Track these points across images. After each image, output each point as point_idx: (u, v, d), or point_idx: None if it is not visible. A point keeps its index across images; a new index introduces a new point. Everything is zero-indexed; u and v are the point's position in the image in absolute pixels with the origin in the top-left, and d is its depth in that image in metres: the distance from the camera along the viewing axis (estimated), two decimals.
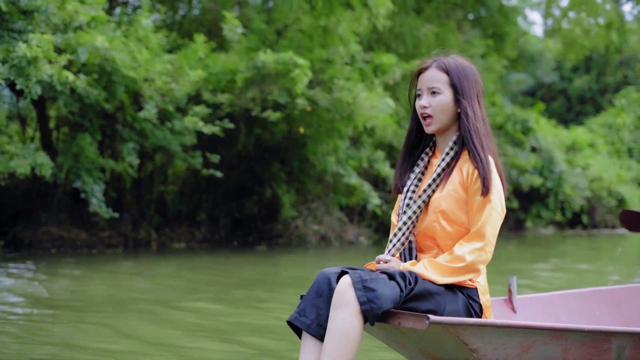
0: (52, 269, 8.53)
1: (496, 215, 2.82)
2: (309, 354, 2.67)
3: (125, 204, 11.73)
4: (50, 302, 6.05)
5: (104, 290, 6.93)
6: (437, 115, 2.90)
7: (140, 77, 9.88)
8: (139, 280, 7.77)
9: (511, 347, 2.71)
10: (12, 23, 8.86)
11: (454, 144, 2.92)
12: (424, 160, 3.02)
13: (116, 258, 10.14)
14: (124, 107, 10.28)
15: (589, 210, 20.44)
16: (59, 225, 11.40)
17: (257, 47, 11.77)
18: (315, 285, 2.74)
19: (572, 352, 2.82)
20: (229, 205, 12.90)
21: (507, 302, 3.59)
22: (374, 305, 2.58)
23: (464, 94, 2.89)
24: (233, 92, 10.94)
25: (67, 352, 4.08)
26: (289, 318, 2.71)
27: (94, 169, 9.96)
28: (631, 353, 2.93)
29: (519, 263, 10.46)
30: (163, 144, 10.34)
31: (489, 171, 2.80)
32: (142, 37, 10.45)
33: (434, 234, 2.88)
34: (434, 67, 2.92)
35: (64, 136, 10.77)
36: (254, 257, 10.50)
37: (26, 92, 8.27)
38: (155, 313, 5.53)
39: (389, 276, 2.70)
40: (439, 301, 2.76)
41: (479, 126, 2.88)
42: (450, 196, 2.86)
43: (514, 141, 18.14)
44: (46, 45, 8.34)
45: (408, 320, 2.64)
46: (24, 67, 8.23)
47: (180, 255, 10.77)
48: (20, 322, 5.12)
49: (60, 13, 9.04)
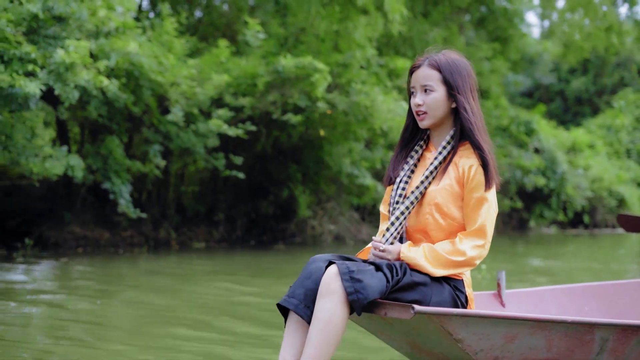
0: (101, 267, 8.84)
1: (493, 213, 2.88)
2: (294, 333, 2.72)
3: (146, 204, 12.02)
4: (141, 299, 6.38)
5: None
6: (431, 111, 2.93)
7: (167, 82, 10.18)
8: (213, 277, 8.11)
9: (495, 338, 2.75)
10: (46, 29, 9.17)
11: (451, 138, 2.95)
12: (417, 153, 3.05)
13: (151, 256, 10.43)
14: (149, 110, 10.57)
15: (590, 210, 20.85)
16: (82, 225, 11.68)
17: (275, 51, 12.07)
18: (306, 269, 2.78)
19: (555, 343, 2.85)
20: (245, 205, 13.21)
21: (495, 296, 3.64)
22: (360, 295, 2.62)
23: (459, 90, 2.92)
24: (254, 95, 11.24)
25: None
26: (279, 301, 2.75)
27: (122, 171, 10.25)
28: (614, 344, 2.96)
29: (540, 260, 10.82)
30: (188, 146, 10.63)
31: (493, 167, 2.88)
32: (166, 41, 10.75)
33: (425, 226, 2.92)
34: (426, 64, 2.95)
35: (90, 138, 11.03)
36: (281, 255, 10.81)
37: (63, 97, 8.55)
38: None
39: (376, 267, 2.74)
40: (426, 292, 2.80)
41: (476, 120, 2.93)
42: (446, 190, 2.90)
43: (517, 142, 18.51)
44: (83, 51, 8.63)
45: (394, 310, 2.68)
46: (62, 72, 8.52)
47: (207, 254, 11.07)
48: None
49: (92, 19, 9.33)
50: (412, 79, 3.00)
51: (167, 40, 10.84)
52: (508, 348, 2.79)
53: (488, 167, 2.86)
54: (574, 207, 19.86)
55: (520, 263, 10.41)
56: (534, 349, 2.83)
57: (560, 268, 9.81)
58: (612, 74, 31.29)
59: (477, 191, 2.86)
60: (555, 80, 31.95)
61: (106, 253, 10.74)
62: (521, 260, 10.80)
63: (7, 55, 8.45)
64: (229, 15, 14.15)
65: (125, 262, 9.70)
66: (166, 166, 12.15)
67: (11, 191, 12.80)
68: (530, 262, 10.69)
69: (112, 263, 9.50)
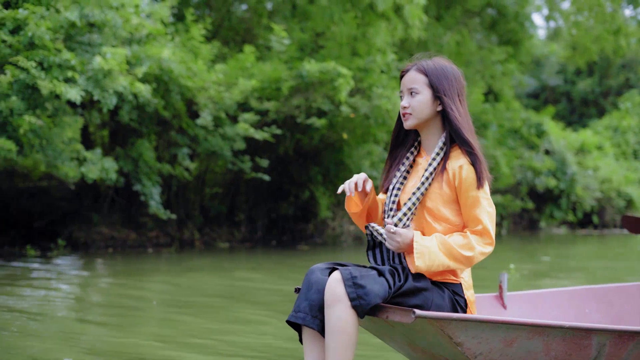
0: (142, 266, 9.14)
1: (492, 210, 2.90)
2: (311, 345, 2.82)
3: (171, 206, 12.30)
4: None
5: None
6: (415, 113, 2.97)
7: (196, 87, 10.46)
8: (253, 273, 8.42)
9: (494, 342, 2.79)
10: (81, 36, 9.45)
11: (443, 144, 2.97)
12: (409, 159, 3.08)
13: (183, 256, 10.71)
14: (178, 114, 10.86)
15: (599, 210, 21.14)
16: (110, 226, 11.97)
17: (297, 56, 12.36)
18: (306, 281, 2.86)
19: (553, 347, 2.89)
20: (265, 206, 13.50)
21: (497, 298, 3.67)
22: (363, 301, 2.69)
23: (445, 92, 2.95)
24: (278, 99, 11.53)
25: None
26: (288, 318, 2.83)
27: (152, 173, 10.53)
28: (611, 349, 3.00)
29: (580, 260, 11.11)
30: (215, 149, 10.92)
31: (483, 162, 2.90)
32: (194, 47, 11.03)
33: (422, 230, 2.96)
34: (414, 69, 2.99)
35: (120, 142, 11.30)
36: (310, 255, 11.09)
37: (102, 103, 8.84)
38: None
39: (379, 272, 2.80)
40: (427, 297, 2.85)
41: (463, 121, 2.95)
42: (435, 194, 2.93)
43: (528, 144, 18.79)
44: (119, 58, 8.92)
45: (395, 314, 2.74)
46: (100, 79, 8.80)
47: (234, 253, 11.36)
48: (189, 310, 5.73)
49: (125, 26, 9.61)
50: (401, 84, 3.06)
51: (194, 45, 11.13)
52: (507, 352, 2.84)
53: (478, 165, 2.89)
54: (583, 207, 20.15)
55: (543, 262, 10.70)
56: (532, 353, 2.88)
57: (595, 267, 10.10)
58: (618, 76, 31.58)
59: (471, 190, 2.88)
60: (562, 82, 32.24)
61: (135, 253, 11.02)
62: (543, 259, 11.09)
63: (47, 62, 8.73)
64: (249, 21, 14.42)
65: (164, 261, 9.97)
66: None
67: (34, 192, 13.10)
68: (556, 261, 10.99)
69: (151, 261, 9.77)
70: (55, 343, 4.45)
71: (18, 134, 8.62)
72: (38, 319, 5.29)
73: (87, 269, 8.81)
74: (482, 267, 9.64)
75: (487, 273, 9.10)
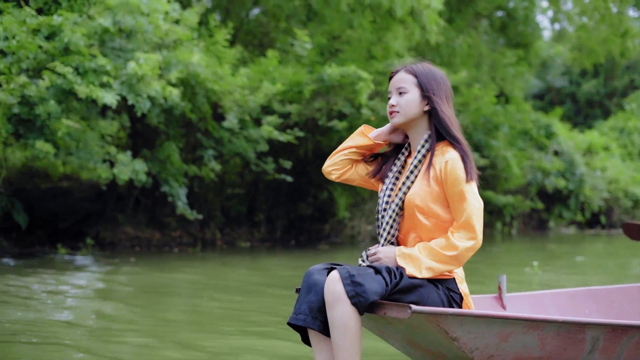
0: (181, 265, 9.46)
1: (479, 205, 2.93)
2: (318, 345, 2.92)
3: (193, 206, 12.58)
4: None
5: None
6: (402, 110, 3.04)
7: (222, 90, 10.75)
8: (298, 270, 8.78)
9: (490, 336, 2.84)
10: (112, 41, 9.74)
11: (425, 141, 3.04)
12: (400, 160, 3.15)
13: (215, 254, 11.00)
14: (204, 116, 11.15)
15: (607, 210, 21.44)
16: (135, 226, 12.26)
17: (317, 60, 12.65)
18: (305, 283, 2.93)
19: (548, 342, 2.94)
20: (285, 207, 13.79)
21: (497, 299, 3.72)
22: (361, 298, 2.77)
23: (433, 92, 3.03)
24: (300, 102, 11.82)
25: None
26: (289, 320, 2.91)
27: (179, 175, 10.82)
28: (604, 343, 3.05)
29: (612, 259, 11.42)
30: (240, 151, 11.21)
31: (470, 159, 2.97)
32: (218, 52, 11.33)
33: (414, 229, 3.03)
34: (403, 70, 3.09)
35: (146, 144, 11.59)
36: (331, 254, 11.38)
37: (137, 107, 9.13)
38: None
39: (376, 270, 2.87)
40: (423, 293, 2.91)
41: (451, 120, 3.04)
42: (424, 191, 2.99)
43: (537, 145, 19.09)
44: (152, 63, 9.21)
45: (392, 310, 2.80)
46: (134, 84, 9.10)
47: (256, 252, 11.66)
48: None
49: (156, 32, 9.90)
50: (389, 84, 3.14)
51: (218, 50, 11.42)
52: (502, 346, 2.89)
53: (467, 160, 2.95)
54: (591, 207, 20.45)
55: (569, 260, 11.01)
56: (528, 348, 2.93)
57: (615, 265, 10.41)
58: (623, 77, 31.89)
59: (457, 185, 2.93)
60: (567, 83, 32.54)
61: (162, 252, 11.32)
62: (568, 257, 11.39)
63: (82, 67, 9.03)
64: (267, 25, 14.71)
65: (200, 259, 10.28)
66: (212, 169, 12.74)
67: (56, 193, 13.39)
68: (579, 259, 11.28)
69: (183, 261, 10.06)
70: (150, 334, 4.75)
71: (55, 137, 8.91)
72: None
73: (135, 266, 9.13)
74: (507, 264, 9.94)
75: (511, 269, 9.39)
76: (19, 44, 8.88)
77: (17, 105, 8.65)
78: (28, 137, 8.93)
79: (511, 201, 17.25)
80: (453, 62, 16.31)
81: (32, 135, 8.93)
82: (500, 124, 16.62)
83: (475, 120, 16.01)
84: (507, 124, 17.16)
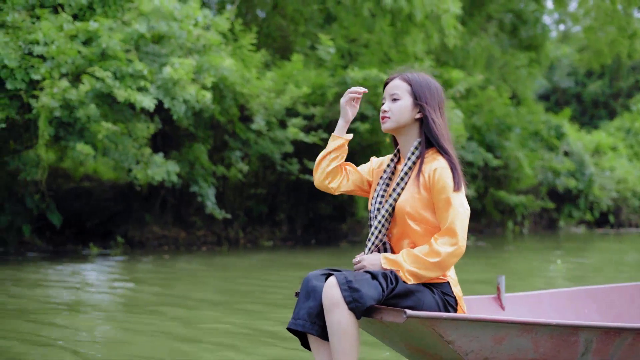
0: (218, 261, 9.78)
1: (463, 211, 2.97)
2: (317, 349, 2.98)
3: (219, 205, 12.91)
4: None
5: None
6: (394, 116, 3.09)
7: (250, 93, 11.07)
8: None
9: (485, 340, 2.88)
10: (146, 46, 10.06)
11: (415, 148, 3.09)
12: (390, 167, 3.19)
13: (245, 253, 11.33)
14: (232, 119, 11.47)
15: (615, 210, 21.79)
16: (161, 226, 12.59)
17: (338, 63, 12.97)
18: (303, 289, 2.99)
19: (542, 344, 2.98)
20: (304, 206, 14.11)
21: (495, 299, 3.73)
22: (358, 304, 2.82)
23: (426, 101, 3.08)
24: (323, 105, 12.14)
25: None
26: (288, 325, 2.97)
27: (208, 175, 11.14)
28: (598, 345, 3.09)
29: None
30: (266, 152, 11.53)
31: (459, 169, 3.03)
32: (244, 56, 11.65)
33: (407, 235, 3.08)
34: (398, 78, 3.14)
35: (175, 145, 11.91)
36: (354, 252, 11.69)
37: (173, 111, 9.45)
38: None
39: (372, 276, 2.92)
40: (419, 298, 2.97)
41: (442, 129, 3.09)
42: (414, 198, 3.04)
43: (548, 146, 19.42)
44: (187, 67, 9.53)
45: (389, 315, 2.86)
46: (170, 88, 9.41)
47: (280, 251, 11.98)
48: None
49: (189, 38, 10.22)
50: (384, 91, 3.18)
51: (245, 54, 11.74)
52: (497, 349, 2.93)
53: (455, 171, 3.01)
54: (600, 207, 20.79)
55: (591, 257, 11.32)
56: (522, 350, 2.97)
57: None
58: (628, 78, 32.23)
59: (444, 192, 2.99)
60: (573, 84, 32.87)
61: (191, 251, 11.64)
62: (590, 255, 11.70)
63: (120, 72, 9.35)
64: (286, 29, 15.02)
65: (234, 257, 10.60)
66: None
67: (79, 193, 13.71)
68: (601, 257, 11.60)
69: (218, 259, 10.39)
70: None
71: (94, 139, 9.23)
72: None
73: (183, 265, 9.47)
74: (534, 259, 10.23)
75: (538, 264, 9.70)
76: (59, 49, 9.19)
77: (59, 108, 8.96)
78: (68, 140, 9.25)
79: (523, 201, 17.56)
80: (466, 64, 16.62)
81: (72, 137, 9.25)
82: (512, 125, 16.93)
83: (489, 121, 16.33)
84: (519, 125, 17.48)
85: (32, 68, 9.13)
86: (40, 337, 4.63)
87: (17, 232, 10.66)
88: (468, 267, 9.14)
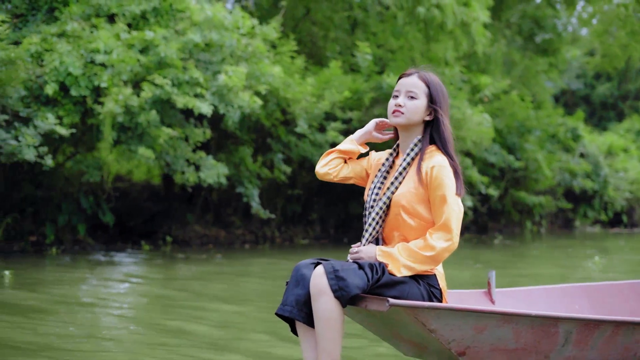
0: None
1: (458, 209, 3.09)
2: (304, 335, 3.11)
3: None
4: None
5: None
6: (408, 114, 3.20)
7: (293, 98, 11.59)
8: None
9: (466, 329, 2.97)
10: (198, 54, 10.57)
11: (414, 145, 3.22)
12: (388, 161, 3.32)
13: (284, 251, 11.83)
14: (276, 123, 11.99)
15: (628, 210, 22.36)
16: (202, 225, 13.10)
17: (373, 69, 13.49)
18: (293, 277, 3.12)
19: (522, 335, 3.06)
20: (336, 206, 14.64)
21: (486, 294, 3.79)
22: (344, 292, 2.94)
23: (440, 106, 3.21)
24: (360, 109, 12.66)
25: None
26: (276, 310, 3.10)
27: (252, 177, 11.66)
28: (577, 337, 3.17)
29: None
30: (306, 155, 12.05)
31: (459, 173, 3.17)
32: (285, 62, 12.17)
33: (398, 228, 3.19)
34: (416, 76, 3.24)
35: (221, 148, 12.42)
36: None
37: (227, 117, 9.97)
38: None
39: (359, 266, 3.05)
40: (404, 288, 3.08)
41: (449, 134, 3.23)
42: (411, 193, 3.16)
43: (564, 148, 19.96)
44: (240, 75, 10.04)
45: (372, 303, 2.98)
46: (225, 94, 9.93)
47: (315, 249, 12.50)
48: None
49: (239, 46, 10.73)
50: (398, 84, 3.27)
51: (284, 60, 12.26)
52: (478, 338, 3.01)
53: (458, 176, 3.16)
54: (614, 207, 21.35)
55: (623, 255, 11.84)
56: (503, 340, 3.05)
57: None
58: (636, 80, 32.76)
59: (440, 189, 3.10)
60: (582, 86, 33.41)
61: (234, 249, 12.15)
62: (622, 253, 12.22)
63: (177, 79, 9.86)
64: (316, 34, 15.53)
65: (286, 255, 11.12)
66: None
67: (117, 194, 14.20)
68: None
69: (269, 256, 10.90)
70: None
71: (154, 143, 9.74)
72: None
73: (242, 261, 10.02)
74: (573, 256, 10.72)
75: (575, 262, 10.20)
76: (119, 57, 9.70)
77: (122, 114, 9.47)
78: (129, 144, 9.75)
79: (542, 201, 18.07)
80: (488, 69, 17.15)
81: (133, 141, 9.76)
82: (532, 128, 17.45)
83: (510, 124, 16.85)
84: (539, 127, 18.00)
85: (95, 75, 9.62)
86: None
87: (72, 231, 11.15)
88: (512, 264, 9.65)
